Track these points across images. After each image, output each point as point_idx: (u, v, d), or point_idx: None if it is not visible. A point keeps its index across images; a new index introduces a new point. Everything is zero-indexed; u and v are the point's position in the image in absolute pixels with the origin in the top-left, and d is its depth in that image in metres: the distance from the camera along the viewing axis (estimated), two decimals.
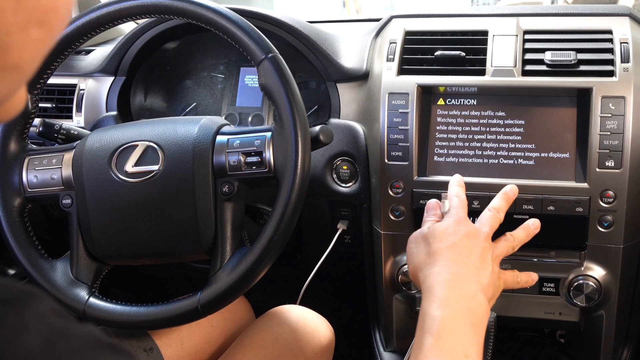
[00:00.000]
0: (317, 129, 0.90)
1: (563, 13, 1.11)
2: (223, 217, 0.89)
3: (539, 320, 1.06)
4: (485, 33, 1.08)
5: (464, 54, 1.06)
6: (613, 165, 0.96)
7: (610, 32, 1.04)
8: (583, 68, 1.01)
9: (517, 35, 1.06)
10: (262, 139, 0.88)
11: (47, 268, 0.93)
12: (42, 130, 1.02)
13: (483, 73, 1.04)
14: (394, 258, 1.10)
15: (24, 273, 0.93)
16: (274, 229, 0.84)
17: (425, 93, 1.05)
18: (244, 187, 0.90)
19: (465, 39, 1.09)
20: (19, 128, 0.94)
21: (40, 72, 0.94)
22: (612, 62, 1.00)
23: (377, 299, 1.19)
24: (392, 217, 1.06)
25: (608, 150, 0.96)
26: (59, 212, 0.98)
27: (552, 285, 1.04)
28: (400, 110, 1.04)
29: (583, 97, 0.99)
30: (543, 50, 1.03)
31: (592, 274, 1.01)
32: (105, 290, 0.96)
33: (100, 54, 1.33)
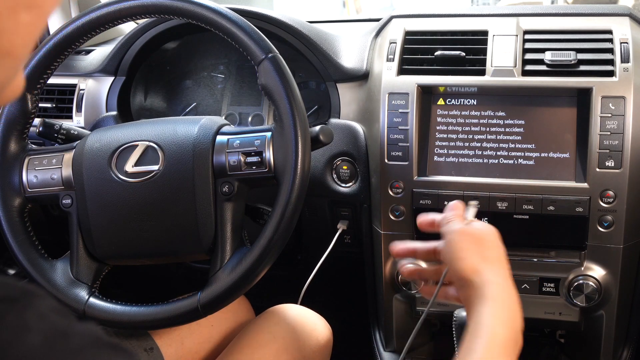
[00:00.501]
0: (317, 129, 0.90)
1: (563, 13, 1.11)
2: (223, 217, 0.89)
3: (539, 320, 1.06)
4: (485, 33, 1.08)
5: (464, 54, 1.06)
6: (613, 165, 0.96)
7: (610, 32, 1.04)
8: (583, 68, 1.01)
9: (517, 35, 1.06)
10: (262, 139, 0.88)
11: (47, 268, 0.93)
12: (42, 130, 1.02)
13: (483, 73, 1.04)
14: (394, 258, 1.10)
15: (24, 273, 0.93)
16: (274, 229, 0.84)
17: (425, 93, 1.05)
18: (244, 187, 0.90)
19: (465, 39, 1.09)
20: (19, 128, 0.94)
21: (40, 72, 0.94)
22: (612, 62, 1.00)
23: (377, 299, 1.19)
24: (392, 217, 1.06)
25: (608, 150, 0.96)
26: (59, 212, 0.98)
27: (552, 285, 1.04)
28: (400, 110, 1.04)
29: (583, 97, 0.99)
30: (543, 50, 1.03)
31: (592, 274, 1.01)
32: (105, 290, 0.96)
33: (100, 54, 1.33)
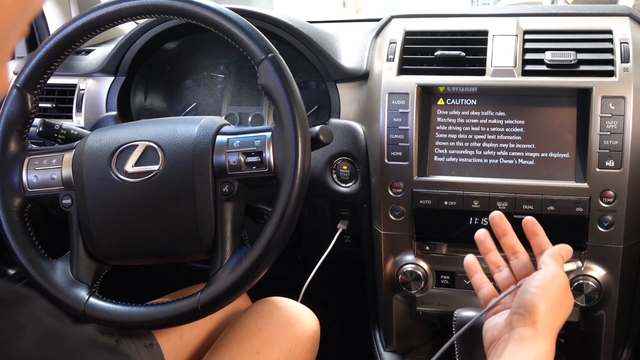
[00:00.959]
0: (317, 129, 0.90)
1: (563, 13, 1.11)
2: (223, 217, 0.89)
3: None
4: (485, 33, 1.08)
5: (464, 54, 1.06)
6: (613, 165, 0.96)
7: (610, 32, 1.04)
8: (583, 68, 1.01)
9: (517, 35, 1.06)
10: (262, 139, 0.88)
11: (47, 268, 0.93)
12: (42, 130, 1.02)
13: (483, 73, 1.04)
14: (394, 258, 1.10)
15: (24, 273, 0.93)
16: (274, 229, 0.84)
17: (425, 93, 1.05)
18: (244, 187, 0.90)
19: (465, 39, 1.09)
20: (19, 128, 0.94)
21: (40, 72, 0.94)
22: (612, 62, 1.00)
23: (377, 299, 1.19)
24: (392, 217, 1.06)
25: (608, 150, 0.96)
26: (59, 212, 0.98)
27: None
28: (400, 110, 1.04)
29: (583, 97, 0.99)
30: (543, 50, 1.03)
31: (592, 274, 1.01)
32: (105, 290, 0.96)
33: (100, 54, 1.33)
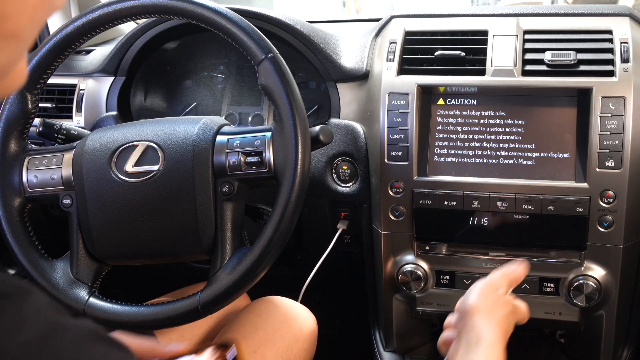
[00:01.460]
0: (317, 129, 0.90)
1: (563, 13, 1.11)
2: (223, 217, 0.89)
3: (539, 320, 1.06)
4: (485, 33, 1.08)
5: (464, 54, 1.06)
6: (613, 165, 0.96)
7: (610, 32, 1.04)
8: (583, 68, 1.01)
9: (517, 35, 1.06)
10: (262, 139, 0.88)
11: (47, 268, 0.93)
12: (42, 130, 1.02)
13: (483, 73, 1.04)
14: (394, 258, 1.10)
15: (24, 273, 0.93)
16: (274, 229, 0.84)
17: (425, 93, 1.05)
18: (244, 187, 0.90)
19: (465, 39, 1.09)
20: (19, 128, 0.94)
21: (40, 72, 0.94)
22: (612, 62, 1.00)
23: (377, 299, 1.19)
24: (392, 217, 1.06)
25: (608, 150, 0.96)
26: (59, 212, 0.98)
27: (552, 285, 1.04)
28: (400, 110, 1.04)
29: (583, 97, 0.99)
30: (543, 50, 1.03)
31: (592, 274, 1.01)
32: (105, 290, 0.96)
33: (100, 54, 1.33)
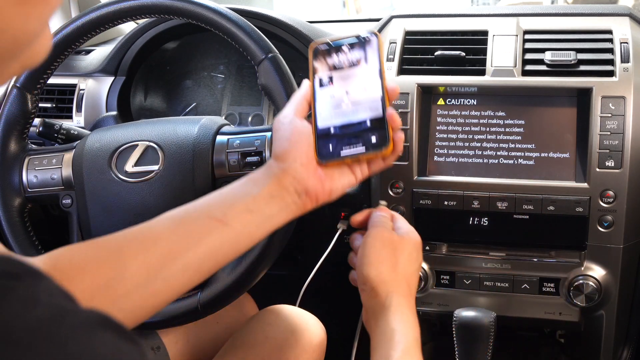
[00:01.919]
0: None
1: (563, 13, 1.11)
2: None
3: (539, 320, 1.06)
4: (485, 33, 1.08)
5: (464, 54, 1.06)
6: (613, 165, 0.96)
7: (610, 32, 1.04)
8: (583, 68, 1.01)
9: (517, 35, 1.06)
10: (262, 139, 0.88)
11: None
12: (42, 130, 1.02)
13: (483, 73, 1.04)
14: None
15: None
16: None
17: (425, 93, 1.05)
18: None
19: (465, 39, 1.09)
20: (19, 128, 0.94)
21: (40, 72, 0.94)
22: (612, 62, 1.00)
23: None
24: None
25: (608, 150, 0.96)
26: (59, 212, 0.98)
27: (552, 285, 1.04)
28: (401, 110, 1.03)
29: (583, 97, 0.99)
30: (543, 50, 1.03)
31: (592, 274, 1.01)
32: None
33: (100, 54, 1.33)
